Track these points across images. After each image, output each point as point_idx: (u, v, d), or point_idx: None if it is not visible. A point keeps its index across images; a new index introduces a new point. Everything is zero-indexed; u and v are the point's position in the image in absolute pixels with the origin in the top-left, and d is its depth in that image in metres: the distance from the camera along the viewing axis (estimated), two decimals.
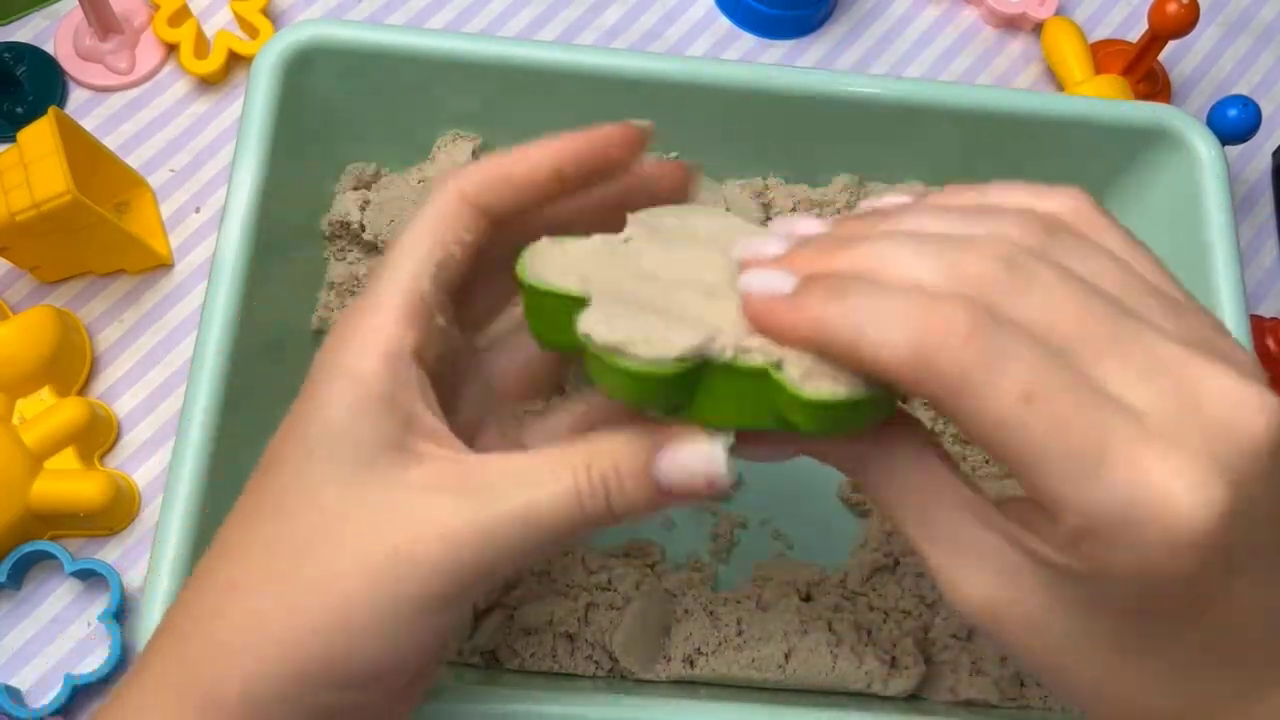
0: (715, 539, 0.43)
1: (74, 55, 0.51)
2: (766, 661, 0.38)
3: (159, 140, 0.51)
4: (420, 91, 0.43)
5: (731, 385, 0.24)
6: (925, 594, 0.40)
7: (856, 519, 0.44)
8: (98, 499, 0.41)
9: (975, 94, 0.44)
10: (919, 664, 0.39)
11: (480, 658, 0.39)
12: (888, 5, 0.57)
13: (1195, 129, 0.44)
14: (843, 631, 0.39)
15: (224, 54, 0.51)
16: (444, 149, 0.45)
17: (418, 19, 0.54)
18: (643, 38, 0.55)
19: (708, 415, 0.25)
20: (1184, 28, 0.49)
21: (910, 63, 0.56)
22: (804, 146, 0.45)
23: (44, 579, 0.43)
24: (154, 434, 0.46)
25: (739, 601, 0.40)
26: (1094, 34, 0.57)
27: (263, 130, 0.40)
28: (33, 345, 0.43)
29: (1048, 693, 0.40)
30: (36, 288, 0.48)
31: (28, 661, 0.42)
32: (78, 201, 0.42)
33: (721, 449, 0.25)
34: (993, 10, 0.56)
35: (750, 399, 0.24)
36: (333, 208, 0.45)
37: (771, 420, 0.24)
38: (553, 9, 0.55)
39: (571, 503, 0.25)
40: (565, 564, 0.39)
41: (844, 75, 0.44)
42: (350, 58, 0.42)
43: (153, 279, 0.48)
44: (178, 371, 0.47)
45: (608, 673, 0.39)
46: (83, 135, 0.45)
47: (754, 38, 0.55)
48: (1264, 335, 0.48)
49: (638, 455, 0.26)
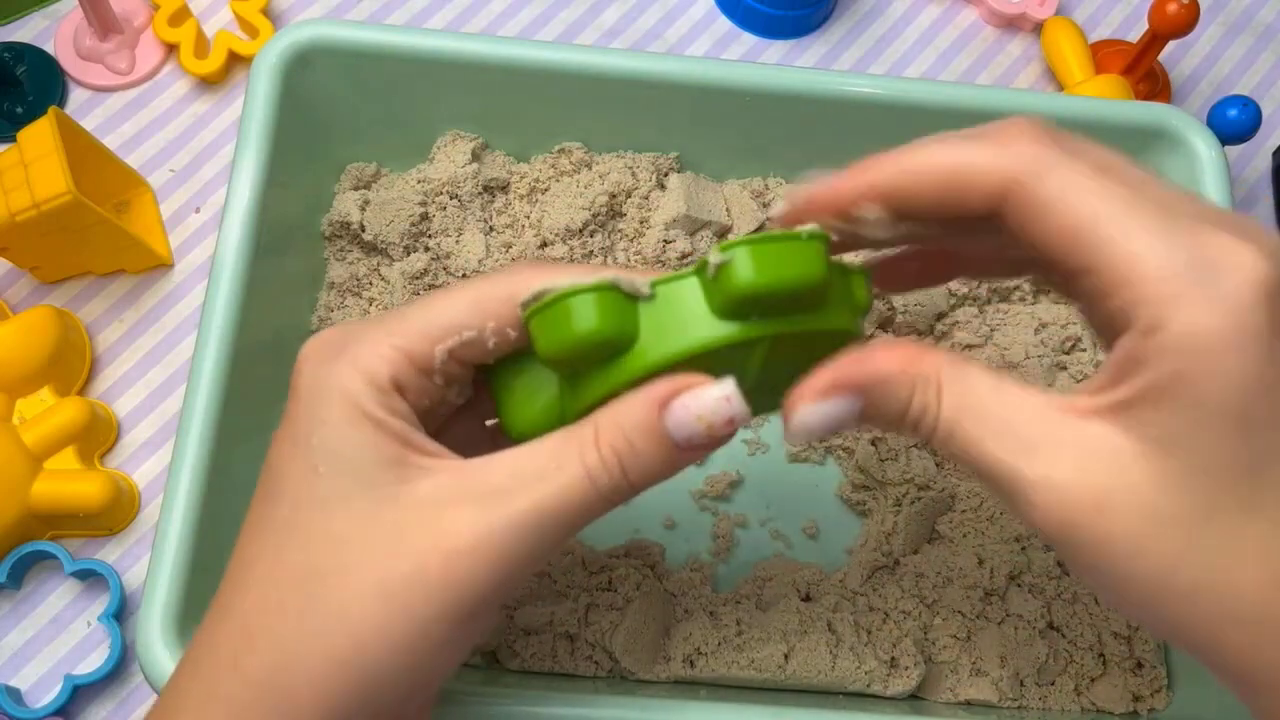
0: (715, 539, 0.43)
1: (74, 55, 0.51)
2: (766, 661, 0.38)
3: (159, 140, 0.51)
4: (420, 91, 0.43)
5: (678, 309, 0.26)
6: (925, 594, 0.40)
7: (856, 519, 0.44)
8: (98, 499, 0.41)
9: (975, 94, 0.44)
10: (919, 664, 0.39)
11: (480, 658, 0.39)
12: (888, 5, 0.57)
13: (1195, 129, 0.44)
14: (842, 632, 0.39)
15: (224, 54, 0.51)
16: (444, 149, 0.45)
17: (418, 19, 0.54)
18: (643, 38, 0.55)
19: (666, 346, 0.26)
20: (1184, 28, 0.49)
21: (910, 63, 0.56)
22: (804, 146, 0.45)
23: (44, 579, 0.43)
24: (154, 434, 0.46)
25: (739, 601, 0.40)
26: (1094, 34, 0.57)
27: (263, 130, 0.40)
28: (33, 345, 0.43)
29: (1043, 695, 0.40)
30: (36, 288, 0.48)
31: (28, 661, 0.42)
32: (78, 201, 0.42)
33: (733, 385, 0.25)
34: (993, 10, 0.56)
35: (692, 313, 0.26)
36: (333, 208, 0.45)
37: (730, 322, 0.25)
38: (553, 9, 0.55)
39: (584, 487, 0.25)
40: (565, 564, 0.39)
41: (844, 75, 0.44)
42: (350, 58, 0.42)
43: (153, 279, 0.48)
44: (178, 371, 0.47)
45: (608, 673, 0.39)
46: (83, 135, 0.45)
47: (754, 38, 0.55)
48: None
49: (646, 416, 0.25)
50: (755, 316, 0.26)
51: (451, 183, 0.44)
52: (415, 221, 0.44)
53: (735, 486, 0.44)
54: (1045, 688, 0.40)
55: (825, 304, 0.26)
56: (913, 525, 0.41)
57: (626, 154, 0.46)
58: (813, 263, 0.25)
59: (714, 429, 0.25)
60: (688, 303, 0.26)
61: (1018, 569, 0.41)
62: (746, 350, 0.26)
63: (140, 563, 0.44)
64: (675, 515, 0.43)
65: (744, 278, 0.25)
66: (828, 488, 0.44)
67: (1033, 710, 0.40)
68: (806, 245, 0.25)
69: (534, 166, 0.46)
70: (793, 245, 0.25)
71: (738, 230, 0.46)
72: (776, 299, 0.25)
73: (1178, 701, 0.40)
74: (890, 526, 0.42)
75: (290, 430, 0.27)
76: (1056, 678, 0.40)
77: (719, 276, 0.25)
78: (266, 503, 0.27)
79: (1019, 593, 0.41)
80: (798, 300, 0.26)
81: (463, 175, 0.44)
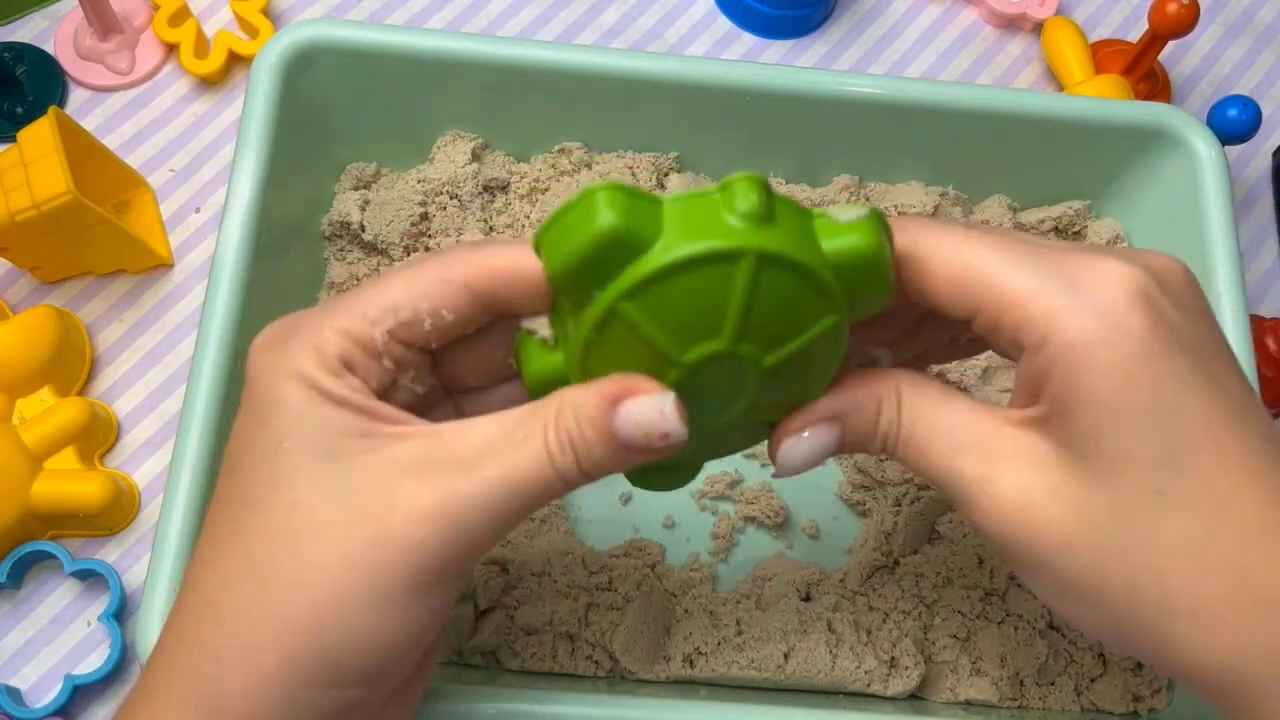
0: (715, 539, 0.43)
1: (74, 55, 0.51)
2: (766, 661, 0.38)
3: (159, 140, 0.51)
4: (420, 91, 0.43)
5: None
6: (925, 594, 0.40)
7: (856, 519, 0.44)
8: (98, 499, 0.41)
9: (975, 94, 0.44)
10: (919, 664, 0.39)
11: (480, 658, 0.39)
12: (888, 5, 0.57)
13: (1195, 129, 0.44)
14: (842, 631, 0.39)
15: (224, 54, 0.51)
16: (444, 149, 0.45)
17: (418, 19, 0.54)
18: (643, 38, 0.55)
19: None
20: (1184, 28, 0.49)
21: (910, 63, 0.56)
22: (804, 146, 0.45)
23: (44, 579, 0.43)
24: (154, 434, 0.46)
25: (739, 601, 0.40)
26: (1094, 34, 0.57)
27: (263, 130, 0.40)
28: (33, 345, 0.43)
29: (1044, 694, 0.40)
30: (36, 288, 0.48)
31: (28, 661, 0.42)
32: (78, 201, 0.42)
33: (671, 401, 0.25)
34: (993, 10, 0.56)
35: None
36: (333, 208, 0.45)
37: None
38: (553, 9, 0.55)
39: (544, 465, 0.25)
40: (565, 564, 0.39)
41: (844, 75, 0.44)
42: (350, 58, 0.42)
43: (153, 279, 0.48)
44: (178, 371, 0.47)
45: (608, 673, 0.39)
46: (83, 135, 0.45)
47: (754, 38, 0.55)
48: (1264, 335, 0.48)
49: (598, 409, 0.25)
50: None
51: (451, 183, 0.44)
52: (415, 221, 0.44)
53: (735, 486, 0.44)
54: (1045, 688, 0.40)
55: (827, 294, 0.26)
56: (913, 525, 0.41)
57: (626, 154, 0.46)
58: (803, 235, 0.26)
59: (649, 440, 0.25)
60: (706, 212, 0.25)
61: None
62: (745, 356, 0.26)
63: (140, 563, 0.44)
64: (675, 515, 0.43)
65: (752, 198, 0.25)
66: (828, 488, 0.44)
67: (1033, 710, 0.40)
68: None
69: (534, 166, 0.46)
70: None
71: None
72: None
73: (1178, 701, 0.40)
74: (890, 526, 0.42)
75: (249, 418, 0.27)
76: (1056, 678, 0.40)
77: (732, 192, 0.25)
78: (231, 484, 0.27)
79: (1019, 593, 0.41)
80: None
81: (463, 175, 0.44)
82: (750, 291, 0.25)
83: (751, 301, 0.25)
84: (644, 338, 0.25)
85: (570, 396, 0.26)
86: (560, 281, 0.26)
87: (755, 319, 0.26)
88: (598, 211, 0.25)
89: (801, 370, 0.27)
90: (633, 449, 0.26)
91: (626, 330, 0.25)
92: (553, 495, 0.26)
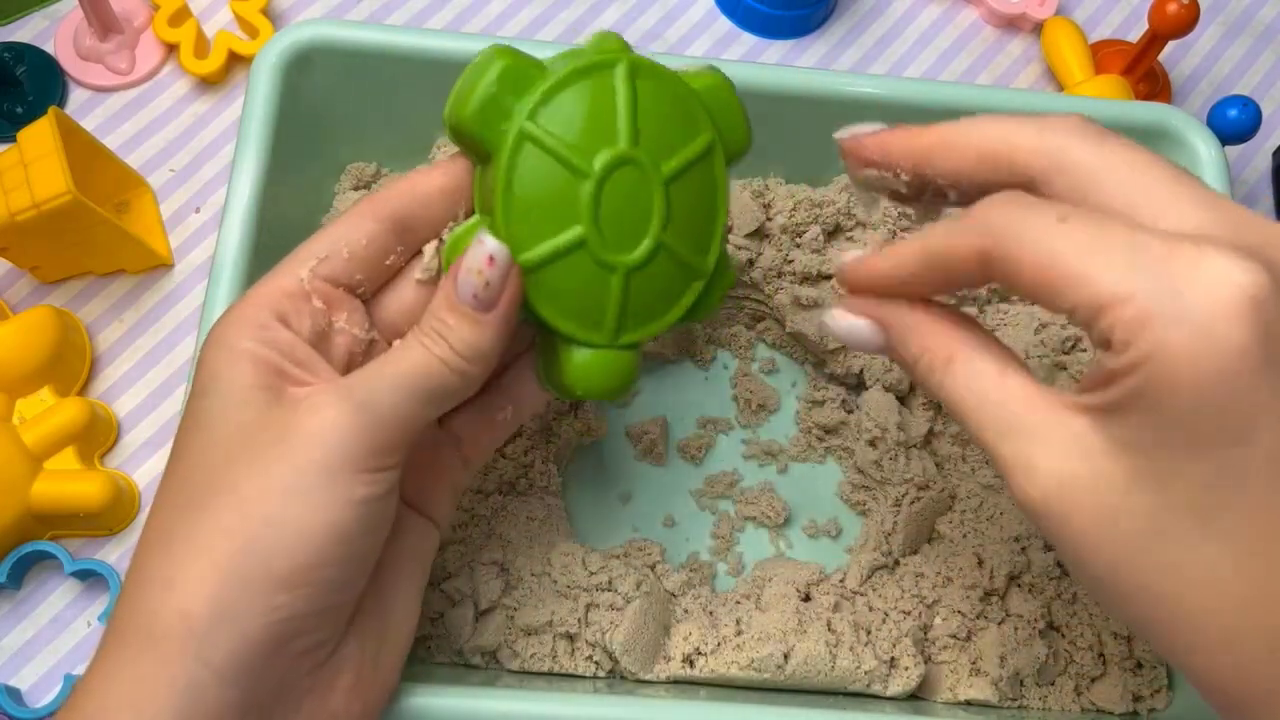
0: (715, 539, 0.43)
1: (74, 55, 0.51)
2: (766, 661, 0.38)
3: (159, 140, 0.51)
4: (420, 91, 0.43)
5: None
6: (925, 594, 0.40)
7: (856, 519, 0.44)
8: (98, 499, 0.41)
9: (975, 94, 0.44)
10: (919, 664, 0.39)
11: (480, 658, 0.39)
12: (888, 5, 0.57)
13: (1195, 129, 0.44)
14: (842, 631, 0.39)
15: (224, 54, 0.51)
16: (444, 149, 0.45)
17: (418, 19, 0.54)
18: (643, 38, 0.55)
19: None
20: (1184, 28, 0.50)
21: (910, 63, 0.56)
22: (804, 146, 0.45)
23: (44, 579, 0.43)
24: (154, 434, 0.46)
25: (739, 601, 0.40)
26: (1094, 34, 0.57)
27: (263, 130, 0.40)
28: (33, 345, 0.43)
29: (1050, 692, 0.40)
30: (36, 288, 0.48)
31: (28, 661, 0.42)
32: (78, 201, 0.42)
33: (484, 229, 0.29)
34: (993, 10, 0.56)
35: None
36: (333, 208, 0.45)
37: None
38: (553, 9, 0.55)
39: (427, 359, 0.29)
40: (565, 564, 0.39)
41: (844, 75, 0.44)
42: (350, 58, 0.42)
43: (153, 279, 0.48)
44: (178, 371, 0.47)
45: (608, 673, 0.39)
46: (83, 135, 0.45)
47: (754, 38, 0.55)
48: None
49: (445, 294, 0.30)
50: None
51: None
52: None
53: (735, 486, 0.44)
54: (1045, 688, 0.40)
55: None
56: (913, 525, 0.41)
57: None
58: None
59: (483, 273, 0.29)
60: (581, 51, 0.31)
61: (1017, 569, 0.41)
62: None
63: None
64: (675, 515, 0.43)
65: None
66: (828, 488, 0.44)
67: (1033, 710, 0.40)
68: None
69: None
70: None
71: (738, 231, 0.46)
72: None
73: (1178, 701, 0.40)
74: (890, 526, 0.42)
75: (192, 390, 0.30)
76: (1056, 678, 0.40)
77: (599, 37, 0.32)
78: (172, 454, 0.30)
79: (1019, 593, 0.41)
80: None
81: None
82: (632, 97, 0.30)
83: (636, 106, 0.30)
84: (553, 153, 0.29)
85: (431, 305, 0.30)
86: (470, 123, 0.30)
87: (643, 124, 0.30)
88: (493, 58, 0.29)
89: (697, 193, 0.31)
90: (476, 297, 0.29)
91: (538, 153, 0.29)
92: (454, 386, 0.30)
